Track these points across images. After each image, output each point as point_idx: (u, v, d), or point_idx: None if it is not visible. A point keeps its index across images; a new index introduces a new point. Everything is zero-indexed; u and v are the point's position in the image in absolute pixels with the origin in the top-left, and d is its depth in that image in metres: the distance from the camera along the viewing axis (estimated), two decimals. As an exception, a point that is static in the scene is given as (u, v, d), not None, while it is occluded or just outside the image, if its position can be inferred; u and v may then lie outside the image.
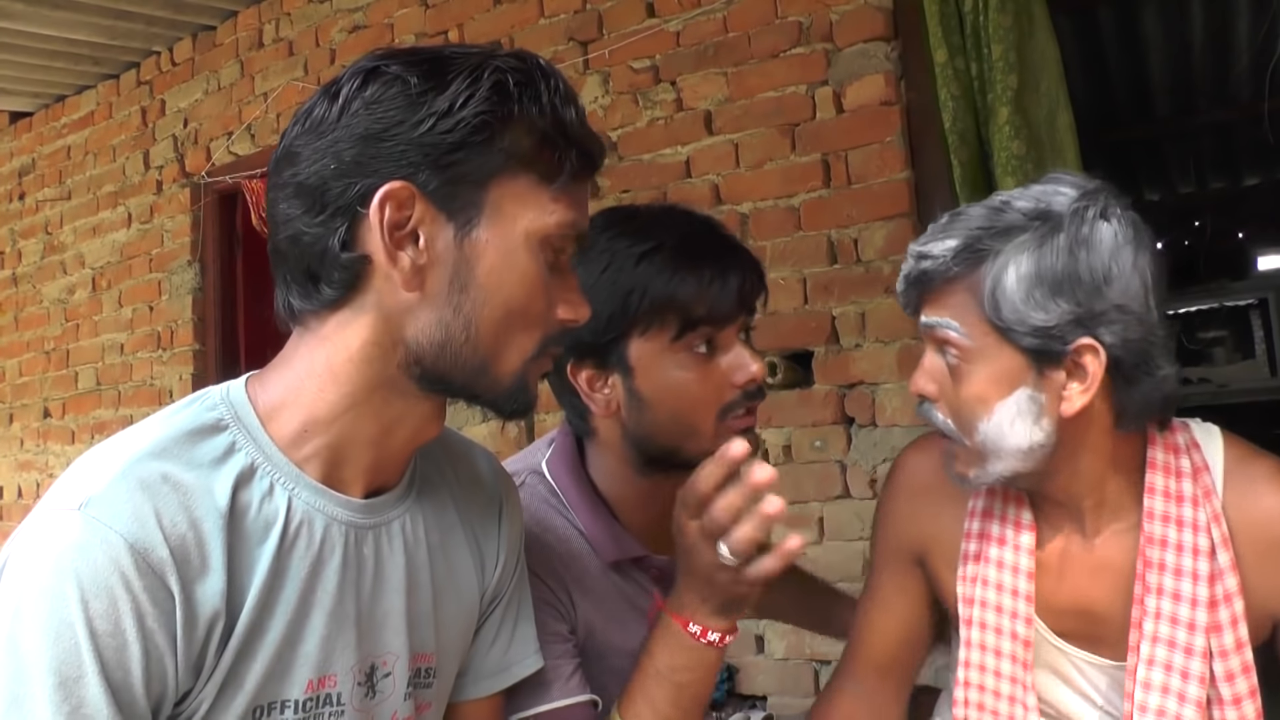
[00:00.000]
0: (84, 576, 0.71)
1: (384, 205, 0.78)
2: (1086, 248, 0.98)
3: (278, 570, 0.81)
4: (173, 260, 4.09)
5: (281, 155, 0.83)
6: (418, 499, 0.94)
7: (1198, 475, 1.07)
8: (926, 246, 1.05)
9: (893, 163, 2.59)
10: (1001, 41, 2.40)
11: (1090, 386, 1.00)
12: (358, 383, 0.83)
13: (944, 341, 1.05)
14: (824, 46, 2.70)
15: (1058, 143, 2.43)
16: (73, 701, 0.70)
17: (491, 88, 0.79)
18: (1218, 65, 4.69)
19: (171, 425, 0.81)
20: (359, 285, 0.81)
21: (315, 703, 0.83)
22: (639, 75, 3.02)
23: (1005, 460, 1.03)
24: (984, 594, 1.14)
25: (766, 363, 2.64)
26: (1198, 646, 1.03)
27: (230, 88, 4.02)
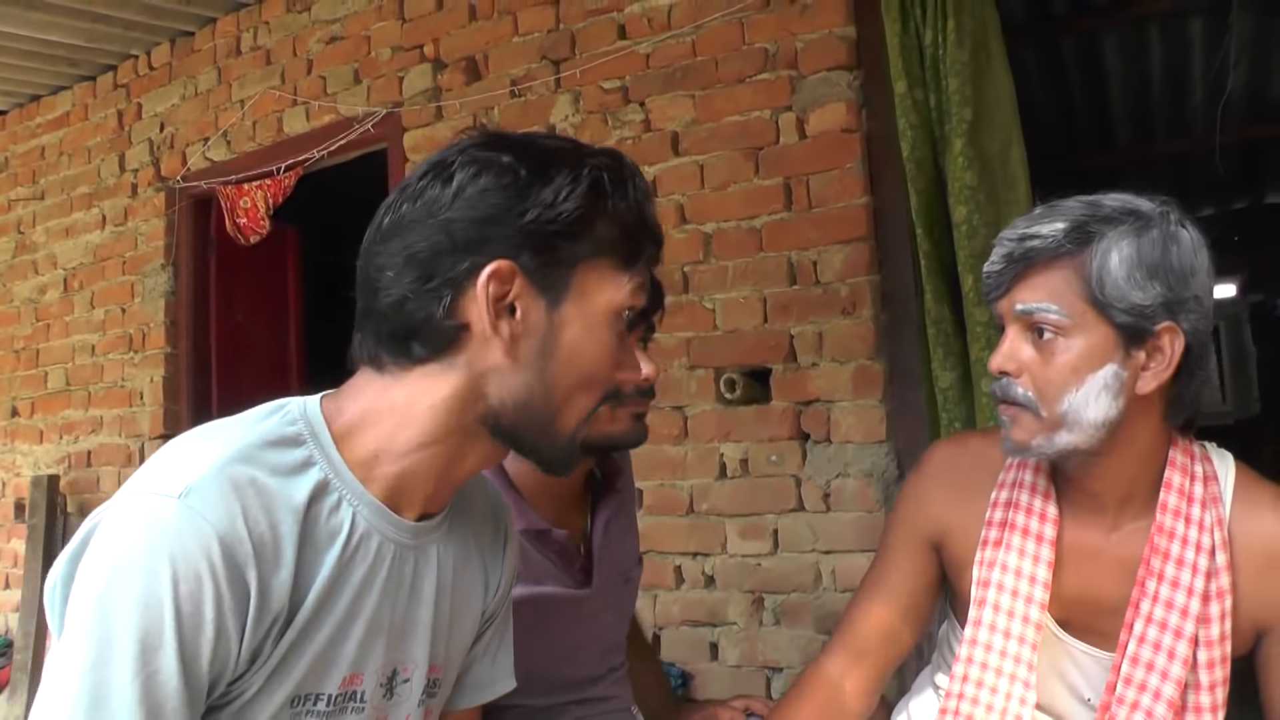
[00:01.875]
0: (178, 558, 0.79)
1: (491, 281, 0.88)
2: (1176, 243, 1.12)
3: (337, 577, 0.89)
4: (146, 263, 4.12)
5: (389, 227, 0.91)
6: (449, 526, 1.03)
7: (1208, 483, 1.19)
8: (1033, 229, 1.15)
9: (852, 188, 2.68)
10: (958, 75, 2.50)
11: (1168, 367, 1.12)
12: (435, 427, 0.92)
13: (1040, 323, 1.14)
14: (789, 73, 2.79)
15: (1010, 175, 2.52)
16: (150, 668, 0.78)
17: (590, 185, 0.90)
18: (1174, 99, 4.83)
19: (258, 433, 0.89)
20: (452, 348, 0.90)
21: (344, 698, 0.92)
22: (609, 95, 3.10)
23: (1076, 432, 1.14)
24: (1001, 578, 1.24)
25: (726, 379, 2.75)
26: (1186, 632, 1.14)
27: (207, 94, 4.06)
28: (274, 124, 3.82)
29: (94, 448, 4.23)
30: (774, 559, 2.71)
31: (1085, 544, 1.23)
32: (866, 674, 1.35)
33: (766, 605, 2.72)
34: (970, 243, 2.42)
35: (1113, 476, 1.19)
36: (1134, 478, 1.19)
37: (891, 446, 2.58)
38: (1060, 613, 1.24)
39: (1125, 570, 1.20)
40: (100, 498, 4.17)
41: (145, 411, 4.01)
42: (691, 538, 2.85)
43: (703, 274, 2.88)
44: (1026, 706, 1.22)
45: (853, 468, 2.60)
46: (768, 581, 2.72)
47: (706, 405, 2.85)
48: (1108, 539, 1.22)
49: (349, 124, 3.59)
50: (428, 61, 3.47)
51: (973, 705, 1.25)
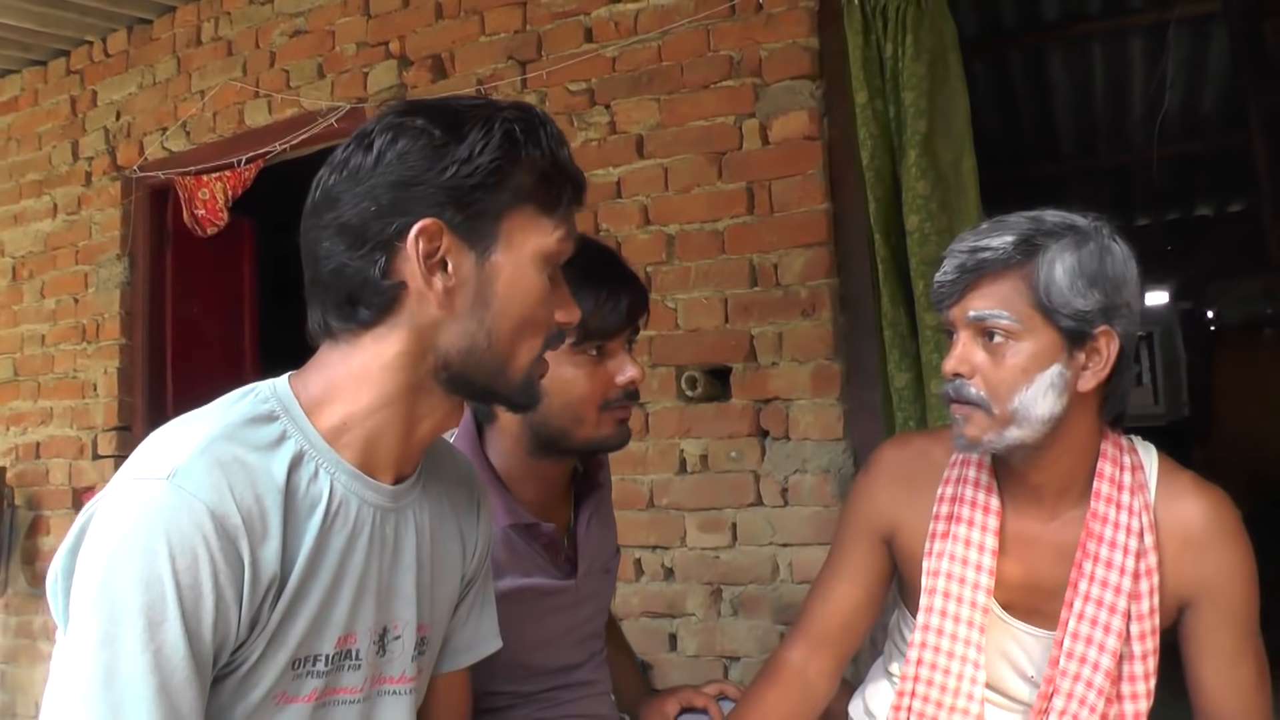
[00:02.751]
0: (172, 535, 0.84)
1: (419, 240, 0.93)
2: (1110, 255, 1.24)
3: (321, 543, 0.94)
4: (101, 253, 4.07)
5: (321, 200, 0.97)
6: (423, 490, 1.08)
7: (1135, 472, 1.30)
8: (983, 241, 1.25)
9: (813, 194, 2.77)
10: (914, 88, 2.60)
11: (1105, 366, 1.24)
12: (391, 384, 0.97)
13: (992, 328, 1.24)
14: (753, 81, 2.86)
15: (962, 185, 2.63)
16: (157, 641, 0.83)
17: (502, 137, 0.95)
18: (1115, 113, 5.02)
19: (234, 413, 0.94)
20: (394, 307, 0.96)
21: (340, 657, 0.97)
22: (575, 97, 3.15)
23: (1025, 428, 1.24)
24: (950, 567, 1.34)
25: (687, 377, 2.82)
26: (1120, 607, 1.26)
27: (166, 83, 4.02)
28: (235, 116, 3.81)
29: (43, 439, 4.17)
30: (732, 552, 2.79)
31: (1026, 532, 1.33)
32: (828, 660, 1.44)
33: (725, 597, 2.80)
34: (922, 250, 2.52)
35: (1053, 469, 1.29)
36: (1072, 470, 1.30)
37: (848, 444, 2.67)
38: (1004, 597, 1.33)
39: (1063, 555, 1.31)
40: (49, 490, 4.12)
41: (99, 403, 3.96)
42: (652, 531, 2.92)
43: (665, 274, 2.95)
44: (977, 685, 1.32)
45: (810, 464, 2.69)
46: (726, 574, 2.80)
47: (668, 402, 2.92)
48: (1046, 527, 1.32)
49: (312, 118, 3.59)
50: (393, 58, 3.49)
51: (928, 686, 1.34)
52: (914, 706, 1.35)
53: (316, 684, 0.96)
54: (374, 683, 1.02)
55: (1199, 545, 1.27)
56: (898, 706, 1.37)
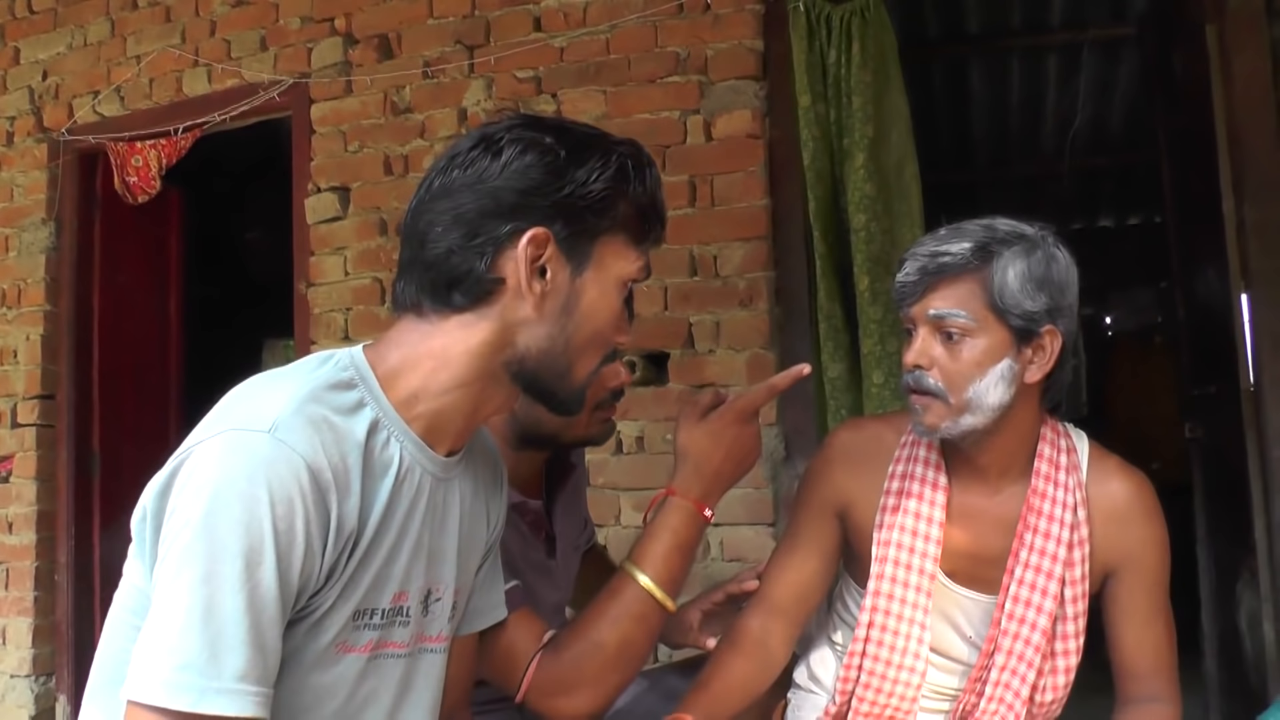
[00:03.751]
0: (274, 484, 0.91)
1: (530, 244, 1.02)
2: (1055, 261, 1.38)
3: (391, 504, 1.03)
4: (23, 216, 3.95)
5: (439, 189, 1.05)
6: (464, 463, 1.16)
7: (1070, 453, 1.46)
8: (943, 247, 1.38)
9: (754, 190, 2.89)
10: (861, 94, 2.74)
11: (1049, 361, 1.38)
12: (468, 370, 1.06)
13: (950, 325, 1.36)
14: (698, 79, 2.97)
15: (905, 188, 2.79)
16: (253, 581, 0.90)
17: (617, 169, 1.05)
18: (1029, 126, 5.25)
19: (318, 377, 1.02)
20: (488, 300, 1.04)
21: (394, 612, 1.06)
22: (522, 84, 3.21)
23: (978, 415, 1.38)
24: (900, 537, 1.47)
25: (626, 361, 2.91)
26: (1056, 574, 1.41)
27: (99, 46, 3.93)
28: (173, 83, 3.76)
29: (-44, 405, 4.06)
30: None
31: (971, 506, 1.47)
32: (785, 628, 1.55)
33: (656, 574, 2.90)
34: (868, 248, 2.67)
35: (998, 451, 1.44)
36: (1015, 451, 1.45)
37: (780, 430, 2.81)
38: (948, 566, 1.47)
39: (1004, 527, 1.45)
40: (-39, 457, 4.01)
41: (20, 370, 3.86)
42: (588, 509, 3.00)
43: (608, 261, 3.03)
44: (923, 645, 1.46)
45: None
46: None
47: (607, 385, 3.01)
48: (990, 502, 1.46)
49: (253, 90, 3.57)
50: (339, 35, 3.50)
51: (878, 647, 1.47)
52: (865, 665, 1.48)
53: (372, 636, 1.03)
54: (418, 640, 1.10)
55: (1123, 520, 1.44)
56: (849, 665, 1.50)
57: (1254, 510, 2.61)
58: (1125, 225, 7.33)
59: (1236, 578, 2.82)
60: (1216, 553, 3.06)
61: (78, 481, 3.80)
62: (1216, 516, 3.06)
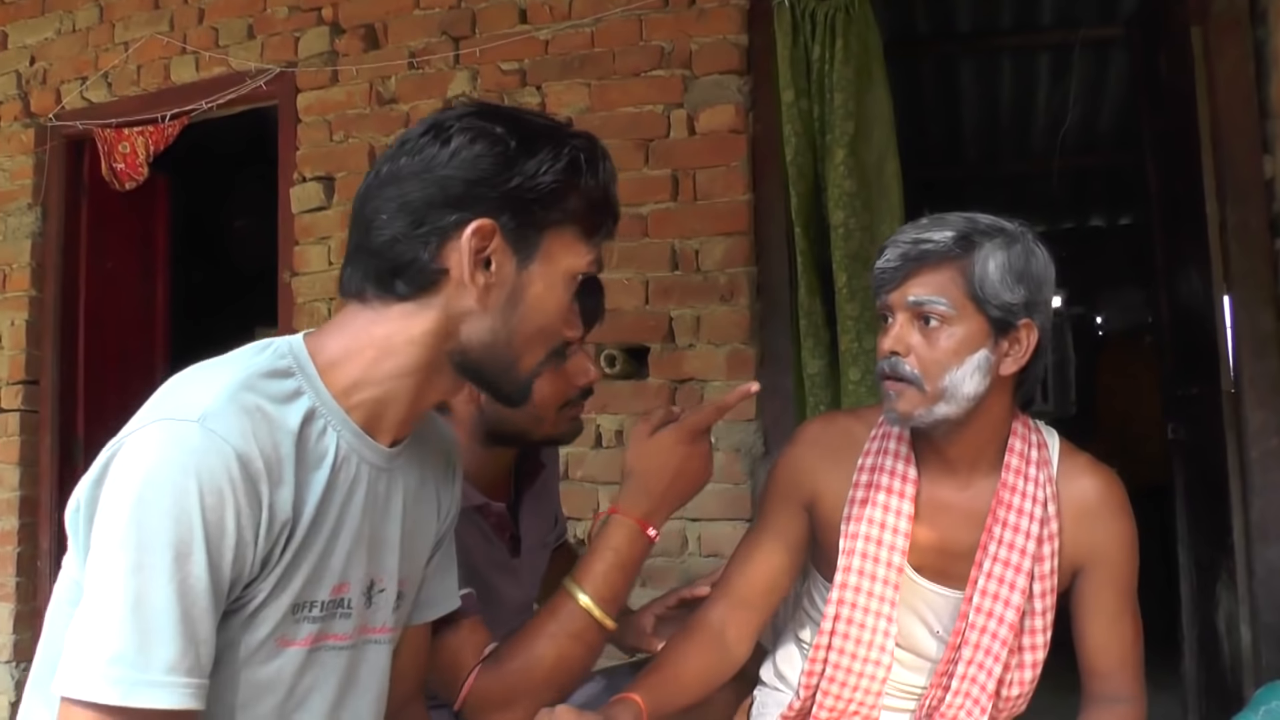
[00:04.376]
0: (202, 475, 0.90)
1: (474, 235, 1.01)
2: (1034, 256, 1.38)
3: (327, 494, 1.02)
4: (9, 201, 3.94)
5: (388, 176, 1.03)
6: (410, 454, 1.15)
7: (1041, 449, 1.46)
8: (925, 234, 1.37)
9: (736, 185, 2.90)
10: (843, 91, 2.74)
11: (1025, 354, 1.38)
12: (410, 358, 1.05)
13: (929, 312, 1.36)
14: (682, 73, 2.97)
15: (885, 185, 2.79)
16: (183, 573, 0.89)
17: (569, 162, 1.03)
18: (1019, 124, 5.25)
19: (255, 365, 1.01)
20: (432, 289, 1.03)
21: (334, 604, 1.05)
22: (506, 76, 3.21)
23: (952, 404, 1.37)
24: (868, 530, 1.46)
25: (606, 355, 2.91)
26: (1025, 568, 1.41)
27: (87, 32, 3.92)
28: (160, 70, 3.75)
29: (-60, 390, 4.05)
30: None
31: (940, 500, 1.46)
32: (747, 621, 1.54)
33: (633, 568, 2.91)
34: (846, 244, 2.67)
35: (969, 442, 1.44)
36: (985, 444, 1.44)
37: (759, 425, 2.81)
38: (916, 560, 1.47)
39: (974, 521, 1.45)
40: (-56, 442, 4.01)
41: (4, 356, 3.85)
42: (566, 503, 2.90)
43: (590, 255, 3.03)
44: (889, 639, 1.46)
45: (722, 442, 2.82)
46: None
47: (587, 379, 3.01)
48: (959, 495, 1.46)
49: (240, 78, 3.57)
50: (325, 25, 3.49)
51: (843, 640, 1.47)
52: (830, 659, 1.47)
53: (312, 629, 1.03)
54: (361, 631, 1.10)
55: (1093, 516, 1.43)
56: (813, 660, 1.49)
57: (1232, 512, 2.62)
58: (1116, 225, 7.34)
59: (1216, 578, 2.82)
60: (1196, 553, 3.06)
61: (61, 467, 3.79)
62: (1197, 517, 3.07)
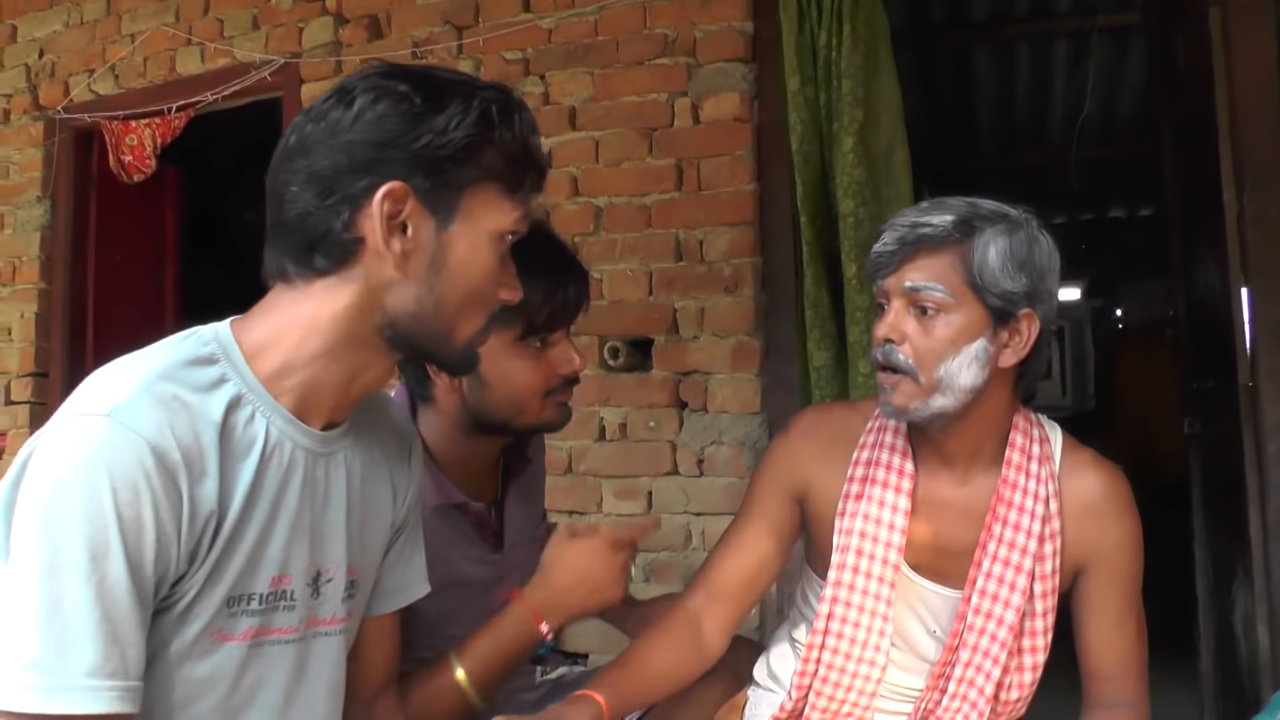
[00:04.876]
0: (115, 470, 0.87)
1: (385, 200, 0.96)
2: (1038, 245, 1.33)
3: (256, 483, 0.98)
4: (19, 194, 3.96)
5: (295, 145, 0.99)
6: (354, 437, 1.12)
7: (1043, 444, 1.40)
8: (924, 218, 1.32)
9: (741, 174, 2.85)
10: (851, 78, 2.69)
11: (1025, 346, 1.33)
12: (336, 336, 1.01)
13: (926, 299, 1.31)
14: (686, 60, 2.93)
15: (894, 174, 2.74)
16: (100, 573, 0.86)
17: (479, 115, 0.98)
18: (1036, 114, 5.17)
19: (174, 354, 0.97)
20: (350, 260, 0.99)
21: (275, 596, 1.01)
22: (510, 66, 3.18)
23: (949, 396, 1.32)
24: (864, 526, 1.41)
25: (609, 347, 2.88)
26: (1025, 568, 1.36)
27: (94, 24, 3.93)
28: (166, 62, 3.74)
29: (-47, 383, 4.07)
30: (647, 519, 2.87)
31: (938, 496, 1.41)
32: (725, 613, 1.49)
33: (638, 563, 2.88)
34: (855, 233, 2.62)
35: (967, 436, 1.38)
36: (984, 438, 1.39)
37: (764, 418, 2.77)
38: (912, 558, 1.42)
39: (973, 518, 1.39)
40: (-43, 434, 4.03)
41: (14, 348, 3.87)
42: (569, 497, 2.98)
43: (592, 245, 3.01)
44: (884, 639, 1.41)
45: (727, 436, 2.78)
46: (640, 540, 2.88)
47: (589, 371, 2.97)
48: (958, 492, 1.41)
49: (245, 69, 3.55)
50: (329, 15, 3.47)
51: (837, 639, 1.42)
52: (823, 658, 1.43)
53: (251, 623, 0.99)
54: (309, 624, 1.06)
55: (1096, 514, 1.38)
56: (806, 659, 1.44)
57: (1249, 508, 2.56)
58: (1137, 216, 7.22)
59: (1233, 576, 2.76)
60: (1213, 550, 3.00)
61: (70, 460, 3.79)
62: (1213, 514, 3.00)
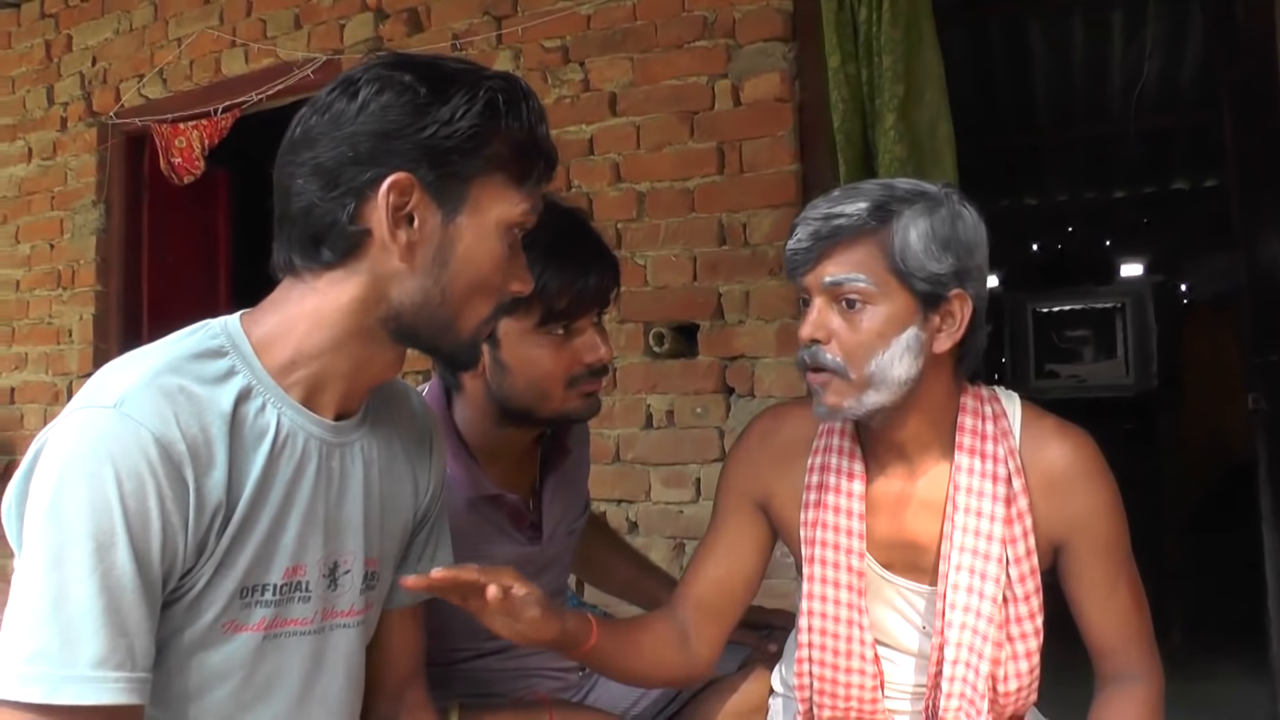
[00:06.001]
0: (119, 461, 0.87)
1: (390, 192, 0.95)
2: (961, 221, 1.26)
3: (268, 473, 0.98)
4: (76, 199, 4.07)
5: (299, 138, 0.99)
6: (371, 428, 1.11)
7: (997, 420, 1.33)
8: (837, 208, 1.25)
9: (783, 156, 2.80)
10: (892, 53, 2.62)
11: (959, 328, 1.26)
12: (343, 328, 1.00)
13: (848, 293, 1.24)
14: (725, 42, 2.89)
15: (937, 150, 2.66)
16: (106, 563, 0.86)
17: (485, 105, 0.97)
18: (1094, 84, 5.03)
19: (182, 347, 0.97)
20: (356, 252, 0.98)
21: (289, 588, 1.01)
22: (549, 54, 3.16)
23: (883, 391, 1.25)
24: (823, 535, 1.36)
25: (654, 333, 2.86)
26: (995, 554, 1.29)
27: (143, 30, 4.01)
28: (211, 64, 3.80)
29: (17, 385, 4.19)
30: (695, 507, 2.85)
31: (894, 492, 1.35)
32: (708, 628, 1.43)
33: (687, 551, 2.86)
34: (896, 212, 2.55)
35: (913, 426, 1.31)
36: (932, 425, 1.32)
37: (810, 403, 2.72)
38: (883, 556, 1.36)
39: (933, 510, 1.33)
40: (23, 436, 4.14)
41: (74, 349, 3.98)
42: (617, 485, 2.97)
43: (635, 231, 2.99)
44: (866, 646, 1.36)
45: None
46: (689, 528, 2.86)
47: (635, 358, 2.97)
48: (913, 485, 1.34)
49: (288, 68, 3.59)
50: (369, 11, 3.49)
51: (822, 651, 1.38)
52: (814, 671, 1.39)
53: (265, 614, 0.99)
54: (325, 616, 1.06)
55: (1064, 486, 1.31)
56: (800, 673, 1.40)
57: (1318, 485, 2.46)
58: (1201, 188, 7.00)
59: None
60: (1283, 531, 2.89)
61: (131, 458, 3.88)
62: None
